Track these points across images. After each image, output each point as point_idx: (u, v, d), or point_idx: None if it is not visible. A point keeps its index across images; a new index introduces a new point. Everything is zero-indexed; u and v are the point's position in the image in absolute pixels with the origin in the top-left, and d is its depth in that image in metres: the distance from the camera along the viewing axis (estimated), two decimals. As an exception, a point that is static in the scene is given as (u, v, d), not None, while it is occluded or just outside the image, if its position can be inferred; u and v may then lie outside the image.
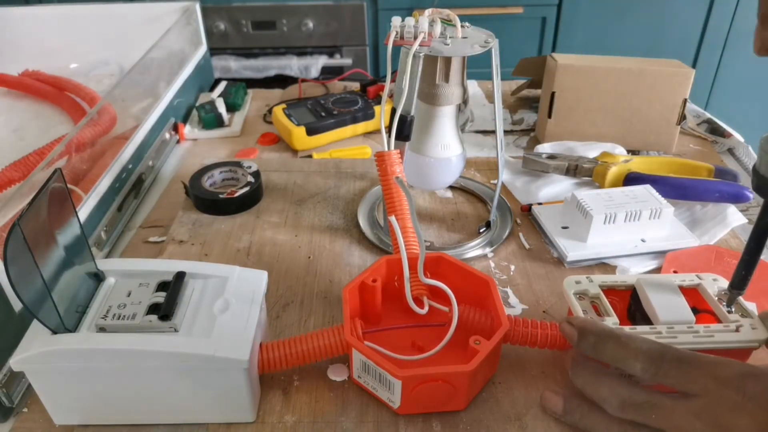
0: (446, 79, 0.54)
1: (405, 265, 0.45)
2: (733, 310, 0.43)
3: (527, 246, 0.60)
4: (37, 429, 0.43)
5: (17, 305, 0.43)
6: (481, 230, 0.61)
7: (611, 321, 0.43)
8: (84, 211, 0.56)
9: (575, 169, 0.68)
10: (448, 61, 0.52)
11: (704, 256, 0.57)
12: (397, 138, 0.53)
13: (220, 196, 0.64)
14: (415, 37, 0.51)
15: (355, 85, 0.92)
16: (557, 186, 0.68)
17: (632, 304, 0.46)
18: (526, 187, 0.69)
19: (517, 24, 1.72)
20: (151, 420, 0.42)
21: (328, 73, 1.76)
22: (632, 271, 0.56)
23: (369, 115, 0.80)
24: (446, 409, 0.43)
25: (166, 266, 0.44)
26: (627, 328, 0.42)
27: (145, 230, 0.64)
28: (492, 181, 0.70)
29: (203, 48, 0.95)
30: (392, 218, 0.48)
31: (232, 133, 0.82)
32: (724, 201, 0.62)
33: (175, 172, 0.74)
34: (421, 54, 0.51)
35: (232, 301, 0.42)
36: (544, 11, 1.71)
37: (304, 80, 0.96)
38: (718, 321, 0.43)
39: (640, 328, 0.42)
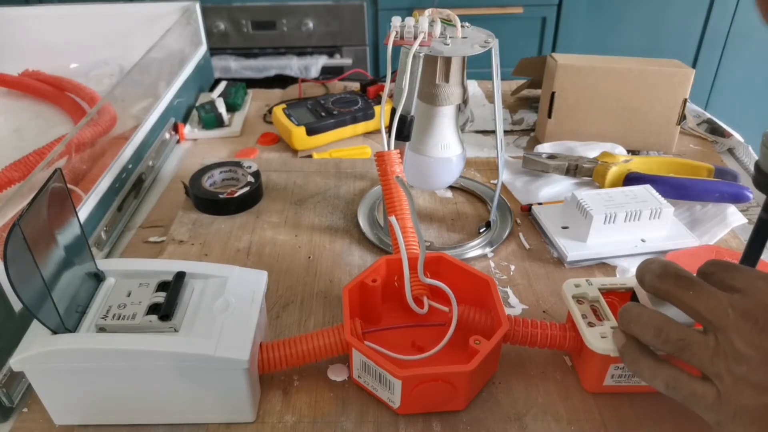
0: (446, 79, 0.54)
1: (405, 265, 0.45)
2: None
3: (527, 246, 0.60)
4: (37, 429, 0.43)
5: (17, 305, 0.43)
6: (481, 230, 0.61)
7: (610, 324, 0.43)
8: (84, 211, 0.56)
9: (575, 169, 0.68)
10: (448, 61, 0.52)
11: (704, 256, 0.56)
12: (397, 138, 0.53)
13: (220, 196, 0.64)
14: (415, 37, 0.51)
15: (355, 85, 0.92)
16: (557, 186, 0.68)
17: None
18: (526, 187, 0.69)
19: (517, 24, 1.72)
20: (151, 420, 0.43)
21: (328, 73, 1.76)
22: (632, 271, 0.56)
23: (369, 115, 0.80)
24: (446, 409, 0.43)
25: (166, 266, 0.44)
26: None
27: (145, 230, 0.64)
28: (492, 181, 0.70)
29: (203, 48, 0.95)
30: (392, 218, 0.48)
31: (232, 133, 0.82)
32: (724, 201, 0.62)
33: (175, 172, 0.74)
34: (421, 54, 0.51)
35: (232, 301, 0.42)
36: (544, 11, 1.71)
37: (304, 80, 0.96)
38: None
39: None
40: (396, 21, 0.51)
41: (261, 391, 0.44)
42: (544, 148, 0.75)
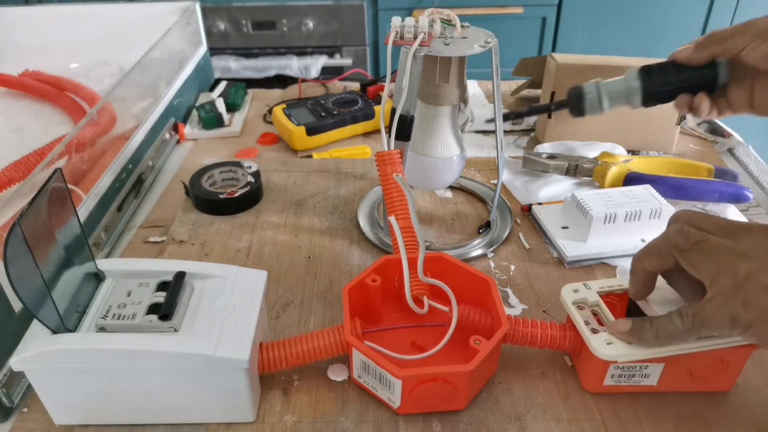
0: (446, 79, 0.54)
1: (405, 264, 0.45)
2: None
3: (527, 246, 0.60)
4: (37, 429, 0.43)
5: (17, 305, 0.43)
6: (481, 230, 0.61)
7: None
8: (84, 211, 0.56)
9: (575, 169, 0.68)
10: (447, 61, 0.52)
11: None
12: (397, 138, 0.53)
13: (220, 196, 0.64)
14: (415, 37, 0.51)
15: (355, 85, 0.92)
16: (557, 186, 0.68)
17: (631, 306, 0.46)
18: (526, 187, 0.69)
19: (517, 24, 1.72)
20: (151, 420, 0.43)
21: (328, 73, 1.76)
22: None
23: (369, 115, 0.80)
24: (446, 408, 0.43)
25: (166, 266, 0.44)
26: None
27: (145, 230, 0.64)
28: (492, 181, 0.70)
29: (203, 48, 0.95)
30: (392, 218, 0.48)
31: (232, 133, 0.82)
32: (724, 201, 0.62)
33: (175, 172, 0.74)
34: (421, 54, 0.51)
35: (232, 301, 0.42)
36: (544, 11, 1.71)
37: (304, 80, 0.96)
38: None
39: None
40: (396, 21, 0.51)
41: (261, 391, 0.44)
42: (544, 148, 0.75)
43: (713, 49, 0.47)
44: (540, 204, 0.64)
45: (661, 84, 0.50)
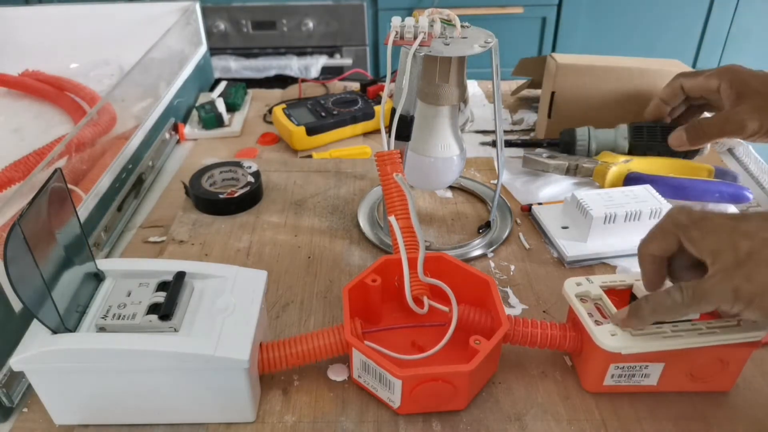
0: (446, 79, 0.54)
1: (405, 264, 0.45)
2: None
3: (527, 246, 0.60)
4: (37, 429, 0.43)
5: (17, 305, 0.43)
6: (481, 230, 0.61)
7: None
8: (84, 211, 0.56)
9: (575, 169, 0.68)
10: (447, 61, 0.52)
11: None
12: (397, 138, 0.53)
13: (220, 196, 0.64)
14: (415, 37, 0.51)
15: (355, 85, 0.92)
16: (557, 186, 0.68)
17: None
18: (526, 187, 0.69)
19: (517, 24, 1.72)
20: (151, 420, 0.43)
21: (328, 73, 1.76)
22: (632, 271, 0.56)
23: (369, 115, 0.80)
24: (446, 408, 0.43)
25: (166, 266, 0.44)
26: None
27: (145, 230, 0.64)
28: (492, 181, 0.70)
29: (203, 48, 0.95)
30: (392, 218, 0.48)
31: (232, 133, 0.82)
32: (723, 201, 0.62)
33: (175, 172, 0.74)
34: (421, 54, 0.51)
35: (232, 301, 0.42)
36: (544, 11, 1.71)
37: (304, 80, 0.96)
38: (719, 317, 0.43)
39: (646, 330, 0.41)
40: (396, 21, 0.51)
41: (261, 391, 0.44)
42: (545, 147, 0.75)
43: (707, 140, 0.61)
44: (540, 204, 0.64)
45: (647, 145, 0.67)
